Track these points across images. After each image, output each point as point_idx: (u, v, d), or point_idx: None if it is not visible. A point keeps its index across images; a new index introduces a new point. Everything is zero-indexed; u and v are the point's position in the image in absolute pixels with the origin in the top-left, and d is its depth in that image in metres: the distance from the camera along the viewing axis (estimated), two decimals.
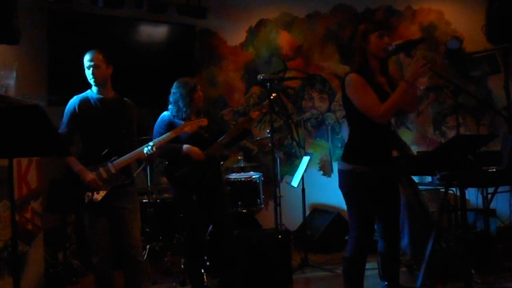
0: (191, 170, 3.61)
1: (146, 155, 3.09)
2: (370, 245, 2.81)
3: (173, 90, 3.70)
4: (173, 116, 3.64)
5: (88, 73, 3.10)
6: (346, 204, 2.87)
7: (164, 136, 3.27)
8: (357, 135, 2.84)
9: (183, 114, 3.61)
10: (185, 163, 3.60)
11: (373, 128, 2.73)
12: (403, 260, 3.88)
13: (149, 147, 3.09)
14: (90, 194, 3.01)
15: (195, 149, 3.59)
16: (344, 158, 2.85)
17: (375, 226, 2.90)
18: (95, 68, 3.09)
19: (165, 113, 3.71)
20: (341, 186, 2.86)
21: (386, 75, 2.85)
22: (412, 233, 3.86)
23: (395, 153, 3.43)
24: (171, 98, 3.70)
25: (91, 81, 3.12)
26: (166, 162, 3.76)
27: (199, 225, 3.69)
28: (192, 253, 3.70)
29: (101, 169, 3.05)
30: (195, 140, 3.61)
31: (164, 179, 4.92)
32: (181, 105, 3.63)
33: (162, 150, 3.42)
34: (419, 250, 3.61)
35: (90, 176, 3.01)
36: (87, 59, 3.10)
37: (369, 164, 2.75)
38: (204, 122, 3.40)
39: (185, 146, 3.58)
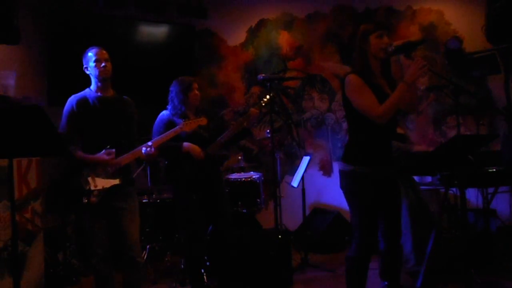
0: (191, 169, 3.61)
1: (144, 154, 3.09)
2: (373, 245, 2.82)
3: (170, 88, 3.74)
4: (172, 115, 3.65)
5: (99, 68, 3.08)
6: (348, 204, 2.88)
7: (162, 135, 3.26)
8: (357, 135, 2.85)
9: (179, 112, 3.62)
10: (185, 162, 3.61)
11: (372, 128, 2.72)
12: (406, 267, 3.87)
13: (147, 147, 3.08)
14: (86, 198, 3.00)
15: (195, 147, 3.59)
16: (344, 158, 2.85)
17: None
18: (108, 61, 3.11)
19: (164, 112, 3.71)
20: (342, 187, 2.87)
21: (388, 76, 2.85)
22: (415, 240, 3.85)
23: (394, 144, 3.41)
24: (169, 96, 3.73)
25: (102, 76, 3.09)
26: (166, 162, 3.76)
27: (199, 225, 3.69)
28: (192, 253, 3.70)
29: (99, 169, 3.04)
30: (195, 140, 3.62)
31: None
32: (176, 103, 3.65)
33: (162, 149, 3.42)
34: (423, 256, 3.59)
35: (105, 156, 3.00)
36: (99, 52, 3.10)
37: (369, 164, 2.75)
38: (203, 121, 3.40)
39: (185, 144, 3.58)
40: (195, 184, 3.62)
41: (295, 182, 4.90)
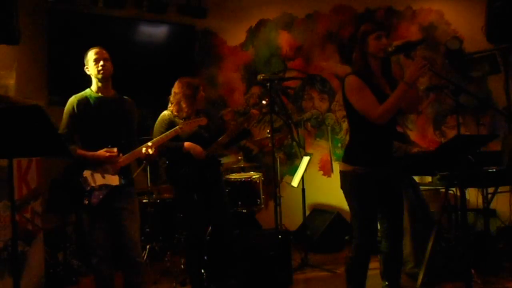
0: (192, 169, 3.61)
1: (144, 154, 3.09)
2: (373, 245, 2.83)
3: (175, 89, 3.71)
4: (174, 115, 3.65)
5: (98, 67, 3.07)
6: (348, 205, 2.88)
7: (162, 135, 3.26)
8: (357, 136, 2.85)
9: (185, 114, 3.62)
10: (186, 162, 3.61)
11: (373, 128, 2.73)
12: (406, 268, 3.87)
13: (147, 147, 3.08)
14: (87, 199, 3.00)
15: (196, 146, 3.60)
16: (345, 159, 2.86)
17: (379, 226, 2.91)
18: (107, 61, 3.10)
19: (165, 112, 3.71)
20: (342, 187, 2.87)
21: (389, 76, 2.86)
22: (414, 241, 3.85)
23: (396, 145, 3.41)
24: (172, 98, 3.71)
25: (100, 74, 3.08)
26: (167, 162, 3.76)
27: (199, 225, 3.69)
28: (192, 253, 3.70)
29: (99, 170, 3.04)
30: (195, 140, 3.62)
31: None
32: (184, 105, 3.64)
33: (163, 149, 3.44)
34: (423, 257, 3.59)
35: (103, 152, 3.00)
36: (99, 51, 3.10)
37: (370, 165, 2.76)
38: (203, 121, 3.41)
39: (186, 144, 3.59)
40: (196, 184, 3.63)
41: (295, 182, 4.90)
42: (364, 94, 2.69)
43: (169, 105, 3.73)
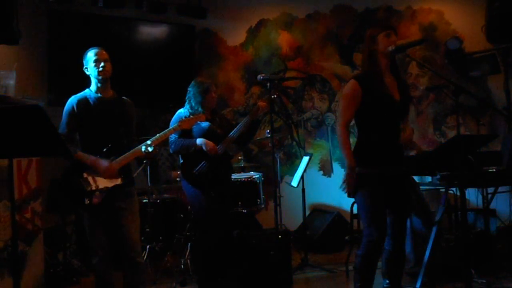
0: (209, 166, 3.64)
1: (144, 153, 3.09)
2: (382, 243, 2.85)
3: (188, 88, 3.82)
4: (190, 113, 3.68)
5: (99, 68, 3.06)
6: (357, 204, 2.94)
7: (161, 133, 3.26)
8: (362, 137, 2.91)
9: (195, 112, 3.67)
10: (202, 159, 3.65)
11: (376, 130, 2.76)
12: (406, 268, 3.87)
13: (147, 145, 3.09)
14: (88, 199, 3.00)
15: (209, 142, 3.65)
16: None
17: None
18: (107, 62, 3.10)
19: (182, 110, 3.79)
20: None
21: (397, 74, 2.90)
22: (415, 240, 3.85)
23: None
24: (186, 96, 3.81)
25: (101, 76, 3.08)
26: (181, 161, 3.78)
27: (218, 223, 3.69)
28: (204, 253, 3.70)
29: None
30: (209, 136, 3.68)
31: (174, 173, 4.98)
32: (193, 104, 3.74)
33: (178, 147, 3.62)
34: (423, 257, 3.59)
35: (104, 164, 3.00)
36: (99, 52, 3.10)
37: (373, 165, 2.79)
38: (201, 118, 3.46)
39: (199, 140, 3.65)
40: (212, 181, 3.67)
41: (294, 182, 4.90)
42: (348, 105, 2.81)
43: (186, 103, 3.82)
